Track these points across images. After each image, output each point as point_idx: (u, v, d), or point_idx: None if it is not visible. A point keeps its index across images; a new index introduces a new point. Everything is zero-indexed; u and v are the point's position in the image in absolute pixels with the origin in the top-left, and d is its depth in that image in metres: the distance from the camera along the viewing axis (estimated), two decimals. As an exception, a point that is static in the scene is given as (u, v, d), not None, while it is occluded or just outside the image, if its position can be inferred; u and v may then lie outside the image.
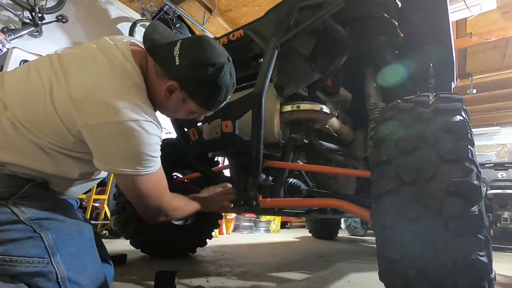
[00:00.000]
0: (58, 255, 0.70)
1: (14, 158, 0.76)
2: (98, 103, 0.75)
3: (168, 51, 0.85)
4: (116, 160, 0.79)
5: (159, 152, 0.86)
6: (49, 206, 0.77)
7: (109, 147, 0.78)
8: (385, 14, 1.32)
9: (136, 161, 0.80)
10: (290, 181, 1.47)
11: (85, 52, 0.86)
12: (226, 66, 0.88)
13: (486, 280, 0.69)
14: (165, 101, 0.90)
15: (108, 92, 0.76)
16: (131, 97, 0.79)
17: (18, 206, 0.71)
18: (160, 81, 0.87)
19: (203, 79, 0.85)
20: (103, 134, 0.76)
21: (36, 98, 0.77)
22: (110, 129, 0.75)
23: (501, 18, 3.79)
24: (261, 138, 1.12)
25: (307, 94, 1.29)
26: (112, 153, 0.79)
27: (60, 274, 0.69)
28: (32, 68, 0.84)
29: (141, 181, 0.83)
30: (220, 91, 0.89)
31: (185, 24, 3.53)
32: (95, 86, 0.77)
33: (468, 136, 0.78)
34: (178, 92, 0.87)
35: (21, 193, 0.74)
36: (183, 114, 0.96)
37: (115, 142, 0.77)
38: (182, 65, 0.83)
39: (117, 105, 0.75)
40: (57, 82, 0.78)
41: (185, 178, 1.85)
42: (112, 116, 0.75)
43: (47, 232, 0.71)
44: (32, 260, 0.67)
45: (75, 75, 0.79)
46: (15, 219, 0.69)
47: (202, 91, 0.88)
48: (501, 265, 2.41)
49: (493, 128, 7.10)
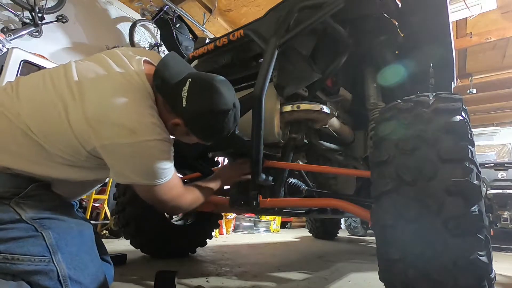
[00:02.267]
0: (59, 253, 0.71)
1: (20, 164, 0.77)
2: (113, 124, 0.78)
3: (176, 91, 0.87)
4: (133, 175, 0.84)
5: (172, 162, 0.91)
6: (51, 206, 0.78)
7: (126, 165, 0.83)
8: (385, 14, 1.32)
9: (152, 175, 0.85)
10: (290, 181, 1.46)
11: (100, 68, 0.87)
12: (231, 113, 0.92)
13: (486, 280, 0.69)
14: (171, 130, 0.95)
15: (122, 113, 0.79)
16: (145, 118, 0.82)
17: (21, 206, 0.72)
18: (168, 114, 0.91)
19: (207, 124, 0.91)
20: (119, 154, 0.81)
21: (51, 112, 0.79)
22: (125, 149, 0.79)
23: (501, 18, 3.79)
24: (261, 138, 1.12)
25: (307, 94, 1.29)
26: (129, 170, 0.84)
27: (61, 273, 0.69)
28: (47, 79, 0.84)
29: (158, 189, 0.89)
30: (222, 132, 0.95)
31: (185, 24, 3.53)
32: (110, 106, 0.79)
33: (468, 136, 0.78)
34: (183, 127, 0.92)
35: (24, 193, 0.74)
36: (187, 141, 1.03)
37: (131, 161, 0.82)
38: (188, 108, 0.87)
39: (132, 127, 0.78)
40: (73, 100, 0.79)
41: (185, 178, 1.85)
42: (127, 138, 0.78)
43: (49, 231, 0.72)
44: (33, 258, 0.68)
45: (90, 94, 0.80)
46: (17, 218, 0.70)
47: (205, 133, 0.95)
48: (501, 265, 2.41)
49: (493, 128, 7.10)
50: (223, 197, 1.44)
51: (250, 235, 3.85)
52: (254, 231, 4.24)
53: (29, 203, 0.74)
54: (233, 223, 3.92)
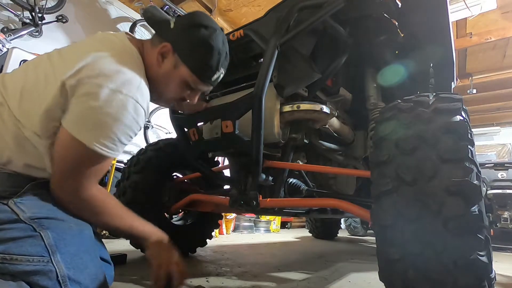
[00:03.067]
0: (58, 254, 0.70)
1: (15, 163, 0.76)
2: (92, 68, 0.75)
3: (165, 20, 0.92)
4: (80, 121, 0.74)
5: (127, 140, 0.80)
6: (49, 206, 0.77)
7: (81, 106, 0.73)
8: (385, 14, 1.32)
9: (98, 132, 0.73)
10: (290, 181, 1.47)
11: (81, 42, 0.88)
12: (218, 32, 0.92)
13: (486, 280, 0.69)
14: (157, 69, 0.90)
15: (105, 62, 0.77)
16: (128, 72, 0.78)
17: (18, 205, 0.71)
18: (154, 49, 0.90)
19: (195, 37, 0.88)
20: (83, 92, 0.73)
21: (34, 90, 0.78)
22: (90, 89, 0.73)
23: (501, 18, 3.79)
24: (261, 138, 1.12)
25: (307, 94, 1.29)
26: (79, 113, 0.73)
27: (60, 273, 0.69)
28: (30, 66, 0.84)
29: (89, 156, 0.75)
30: (211, 53, 0.90)
31: (185, 24, 3.53)
32: (93, 58, 0.77)
33: (468, 136, 0.78)
34: (171, 55, 0.89)
35: (22, 192, 0.74)
36: (176, 86, 0.93)
37: (88, 103, 0.72)
38: (176, 27, 0.89)
39: (109, 74, 0.75)
40: (53, 68, 0.79)
41: (185, 178, 1.85)
42: (100, 80, 0.74)
43: (47, 231, 0.71)
44: (32, 258, 0.67)
45: (71, 57, 0.79)
46: (15, 218, 0.70)
47: (193, 51, 0.89)
48: (501, 265, 2.41)
49: (493, 128, 7.10)
50: (223, 197, 1.44)
51: (250, 235, 3.85)
52: (254, 231, 4.24)
53: (27, 203, 0.73)
54: (233, 223, 3.92)
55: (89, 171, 0.77)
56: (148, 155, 1.71)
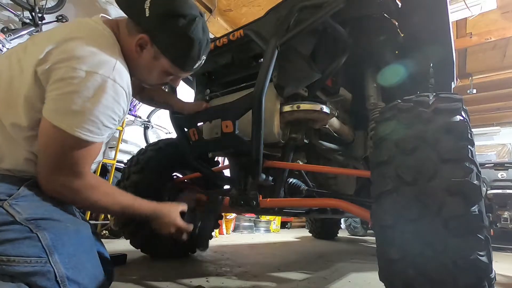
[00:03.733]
0: (56, 254, 0.70)
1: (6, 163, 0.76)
2: (63, 51, 0.73)
3: (139, 4, 0.83)
4: (59, 108, 0.71)
5: (110, 122, 0.77)
6: (46, 206, 0.76)
7: (57, 92, 0.71)
8: (385, 14, 1.31)
9: (78, 117, 0.71)
10: (290, 181, 1.47)
11: (54, 28, 0.86)
12: (198, 19, 0.86)
13: (486, 280, 0.69)
14: (137, 59, 0.87)
15: (76, 44, 0.74)
16: (102, 53, 0.76)
17: (14, 207, 0.70)
18: (131, 38, 0.85)
19: (174, 30, 0.83)
20: (57, 77, 0.71)
21: (6, 77, 0.76)
22: (64, 74, 0.70)
23: (501, 18, 3.79)
24: (261, 138, 1.12)
25: (307, 94, 1.29)
26: (57, 99, 0.71)
27: (59, 273, 0.68)
28: (5, 55, 0.84)
29: (71, 143, 0.73)
30: (192, 45, 0.86)
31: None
32: (63, 41, 0.75)
33: (468, 136, 0.78)
34: (149, 47, 0.86)
35: (16, 194, 0.73)
36: (157, 75, 0.92)
37: (65, 88, 0.70)
38: (152, 16, 0.81)
39: (82, 55, 0.73)
40: (25, 55, 0.77)
41: (185, 178, 1.85)
42: (73, 63, 0.71)
43: (44, 232, 0.70)
44: (29, 259, 0.67)
45: (42, 42, 0.77)
46: (11, 220, 0.69)
47: (173, 44, 0.85)
48: (501, 265, 2.41)
49: (493, 128, 7.11)
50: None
51: (250, 235, 3.85)
52: (254, 231, 4.24)
53: (23, 204, 0.72)
54: (233, 223, 3.92)
55: (77, 159, 0.75)
56: (148, 155, 1.71)
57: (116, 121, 0.79)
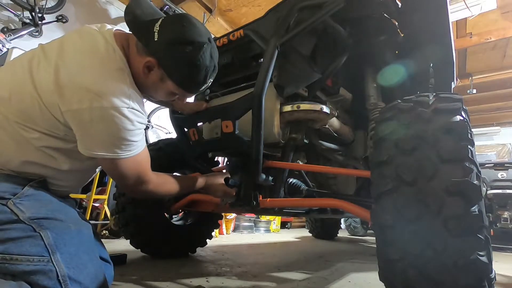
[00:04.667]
0: (58, 253, 0.70)
1: (12, 163, 0.78)
2: (79, 88, 0.76)
3: (148, 27, 0.85)
4: (96, 144, 0.81)
5: (140, 137, 0.88)
6: (49, 206, 0.77)
7: (89, 131, 0.79)
8: (385, 14, 1.31)
9: (116, 145, 0.82)
10: (290, 181, 1.46)
11: (65, 39, 0.87)
12: (206, 46, 0.87)
13: (486, 280, 0.69)
14: (144, 79, 0.89)
15: (89, 77, 0.77)
16: (113, 82, 0.79)
17: (18, 206, 0.72)
18: (140, 58, 0.87)
19: (181, 57, 0.85)
20: (84, 119, 0.77)
21: (22, 91, 0.79)
22: (90, 114, 0.76)
23: (501, 18, 3.79)
24: (261, 138, 1.12)
25: (307, 94, 1.29)
26: (92, 138, 0.80)
27: (61, 272, 0.69)
28: (17, 63, 0.85)
29: (121, 163, 0.85)
30: (198, 72, 0.88)
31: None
32: (76, 71, 0.77)
33: (468, 136, 0.78)
34: (156, 69, 0.87)
35: (21, 193, 0.74)
36: (163, 94, 0.96)
37: (95, 127, 0.78)
38: (160, 41, 0.83)
39: (99, 91, 0.76)
40: (38, 72, 0.79)
41: (185, 178, 1.85)
42: (93, 102, 0.76)
43: (47, 231, 0.71)
44: (32, 258, 0.68)
45: (56, 63, 0.79)
46: (15, 219, 0.70)
47: (179, 70, 0.87)
48: (501, 265, 2.41)
49: (493, 128, 7.10)
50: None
51: (250, 235, 3.85)
52: (254, 231, 4.24)
53: (26, 204, 0.73)
54: (233, 223, 3.92)
55: (137, 171, 0.90)
56: (148, 155, 1.70)
57: (142, 130, 0.89)
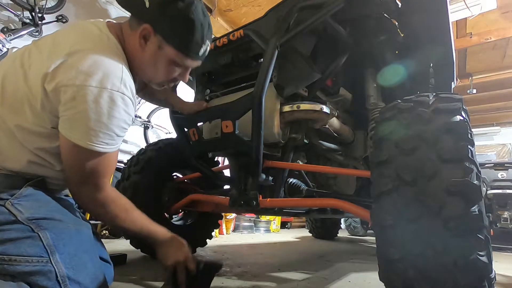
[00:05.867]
0: (57, 254, 0.70)
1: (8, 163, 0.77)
2: (70, 68, 0.74)
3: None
4: (75, 126, 0.75)
5: (123, 133, 0.82)
6: (47, 206, 0.77)
7: (69, 111, 0.74)
8: (385, 14, 1.31)
9: (95, 132, 0.75)
10: (290, 181, 1.47)
11: (58, 32, 0.86)
12: (196, 2, 0.87)
13: (486, 280, 0.69)
14: (142, 55, 0.87)
15: (81, 59, 0.75)
16: (106, 65, 0.77)
17: (16, 206, 0.71)
18: (134, 33, 0.86)
19: (174, 15, 0.84)
20: (67, 97, 0.73)
21: (14, 85, 0.78)
22: (75, 92, 0.72)
23: (501, 18, 3.79)
24: (261, 138, 1.12)
25: (307, 94, 1.29)
26: (73, 118, 0.75)
27: (60, 273, 0.69)
28: (9, 59, 0.84)
29: (90, 156, 0.77)
30: (194, 27, 0.86)
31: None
32: (68, 54, 0.75)
33: (468, 136, 0.78)
34: (153, 37, 0.86)
35: (19, 194, 0.74)
36: (164, 68, 0.91)
37: (79, 107, 0.73)
38: (152, 6, 0.83)
39: (89, 71, 0.73)
40: (30, 63, 0.78)
41: (185, 178, 1.85)
42: (81, 81, 0.72)
43: (45, 231, 0.71)
44: (31, 259, 0.67)
45: (49, 51, 0.78)
46: (13, 219, 0.69)
47: (175, 30, 0.86)
48: (501, 265, 2.41)
49: (493, 128, 7.11)
50: (223, 197, 1.44)
51: (250, 235, 3.85)
52: (254, 231, 4.24)
53: (24, 204, 0.73)
54: (233, 223, 3.92)
55: (97, 171, 0.80)
56: (148, 155, 1.71)
57: (127, 129, 0.83)
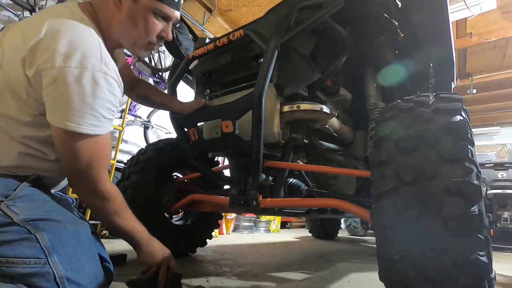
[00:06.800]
0: (55, 255, 0.69)
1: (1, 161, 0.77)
2: (46, 50, 0.72)
3: None
4: (58, 109, 0.73)
5: (109, 114, 0.79)
6: (44, 206, 0.76)
7: (53, 94, 0.72)
8: (385, 14, 1.31)
9: (80, 114, 0.73)
10: (290, 181, 1.47)
11: (28, 18, 0.86)
12: None
13: (486, 280, 0.69)
14: (120, 15, 0.86)
15: (57, 40, 0.73)
16: (83, 45, 0.75)
17: (11, 208, 0.70)
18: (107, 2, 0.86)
19: None
20: (48, 81, 0.71)
21: None
22: (55, 75, 0.71)
23: (501, 18, 3.79)
24: (261, 138, 1.12)
25: (307, 94, 1.29)
26: (56, 102, 0.73)
27: (58, 274, 0.68)
28: None
29: (78, 138, 0.75)
30: None
31: (185, 24, 3.52)
32: (44, 36, 0.74)
33: (468, 136, 0.78)
34: None
35: (13, 195, 0.72)
36: (145, 24, 0.89)
37: (61, 89, 0.71)
38: None
39: (67, 52, 0.72)
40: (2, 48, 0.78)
41: (185, 178, 1.85)
42: (60, 62, 0.71)
43: (42, 232, 0.70)
44: (28, 261, 0.66)
45: (21, 34, 0.76)
46: (9, 222, 0.68)
47: None
48: (501, 265, 2.41)
49: (493, 128, 7.11)
50: (223, 197, 1.44)
51: (250, 235, 3.85)
52: (254, 231, 4.24)
53: (20, 205, 0.71)
54: (233, 223, 3.92)
55: (90, 157, 0.78)
56: (148, 155, 1.71)
57: (114, 111, 0.81)
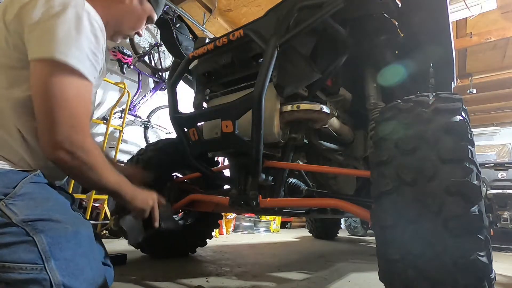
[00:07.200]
0: (53, 260, 0.67)
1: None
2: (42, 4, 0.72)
3: None
4: (43, 41, 0.70)
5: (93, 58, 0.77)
6: (44, 205, 0.73)
7: (37, 30, 0.71)
8: (385, 14, 1.31)
9: (65, 44, 0.70)
10: (290, 181, 1.47)
11: None
12: None
13: (486, 280, 0.69)
14: (121, 6, 0.91)
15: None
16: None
17: (10, 207, 0.68)
18: None
19: None
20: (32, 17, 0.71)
21: None
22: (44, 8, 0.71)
23: (501, 18, 3.79)
24: (261, 138, 1.12)
25: (307, 94, 1.29)
26: (39, 36, 0.71)
27: (55, 281, 0.66)
28: None
29: (65, 73, 0.71)
30: None
31: (185, 24, 3.52)
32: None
33: (468, 136, 0.78)
34: None
35: (13, 193, 0.70)
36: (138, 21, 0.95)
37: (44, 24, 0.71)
38: None
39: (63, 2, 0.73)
40: None
41: (185, 178, 1.85)
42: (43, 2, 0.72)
43: (41, 235, 0.67)
44: (25, 266, 0.64)
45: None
46: (7, 222, 0.66)
47: None
48: (501, 265, 2.41)
49: (493, 128, 7.11)
50: (223, 197, 1.44)
51: (250, 235, 3.85)
52: (254, 231, 4.24)
53: (20, 204, 0.69)
54: (233, 223, 3.92)
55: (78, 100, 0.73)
56: (148, 155, 1.71)
57: (98, 58, 0.78)
